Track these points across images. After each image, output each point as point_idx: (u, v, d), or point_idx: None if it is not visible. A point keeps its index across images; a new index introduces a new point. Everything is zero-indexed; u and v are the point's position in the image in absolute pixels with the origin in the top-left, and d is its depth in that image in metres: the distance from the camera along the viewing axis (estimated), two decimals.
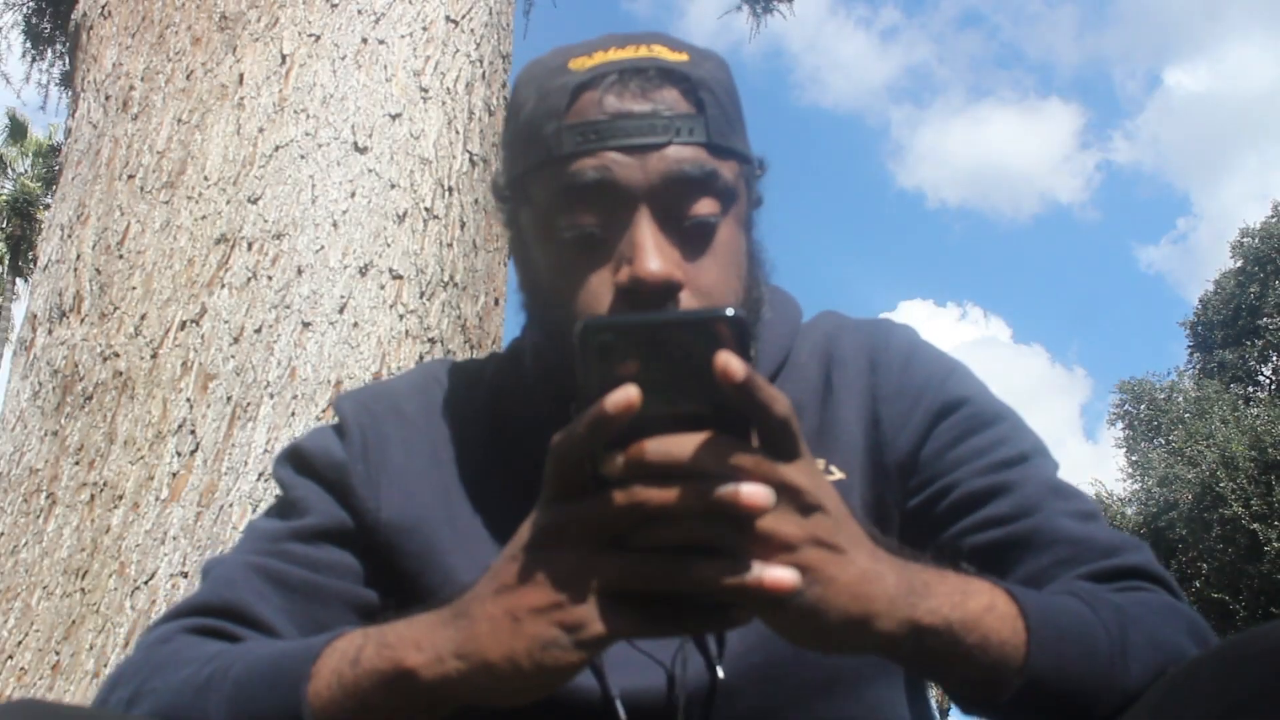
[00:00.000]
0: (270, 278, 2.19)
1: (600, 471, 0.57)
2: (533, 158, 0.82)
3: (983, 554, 0.82)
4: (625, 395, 0.55)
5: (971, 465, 0.85)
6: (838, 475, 0.87)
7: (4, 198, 21.94)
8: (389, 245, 2.28)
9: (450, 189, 2.43)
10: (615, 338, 0.57)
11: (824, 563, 0.59)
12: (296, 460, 0.91)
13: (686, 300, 0.78)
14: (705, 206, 0.80)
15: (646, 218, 0.78)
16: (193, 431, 2.06)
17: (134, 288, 2.22)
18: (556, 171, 0.80)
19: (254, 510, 1.99)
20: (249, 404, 2.08)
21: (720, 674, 0.80)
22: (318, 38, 2.45)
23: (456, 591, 0.65)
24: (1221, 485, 15.88)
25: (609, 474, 0.57)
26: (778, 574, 0.56)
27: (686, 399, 0.57)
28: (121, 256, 2.26)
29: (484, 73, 2.64)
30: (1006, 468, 0.85)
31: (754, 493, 0.56)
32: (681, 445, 0.56)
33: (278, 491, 0.92)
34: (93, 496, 2.03)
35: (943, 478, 0.86)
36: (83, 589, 1.95)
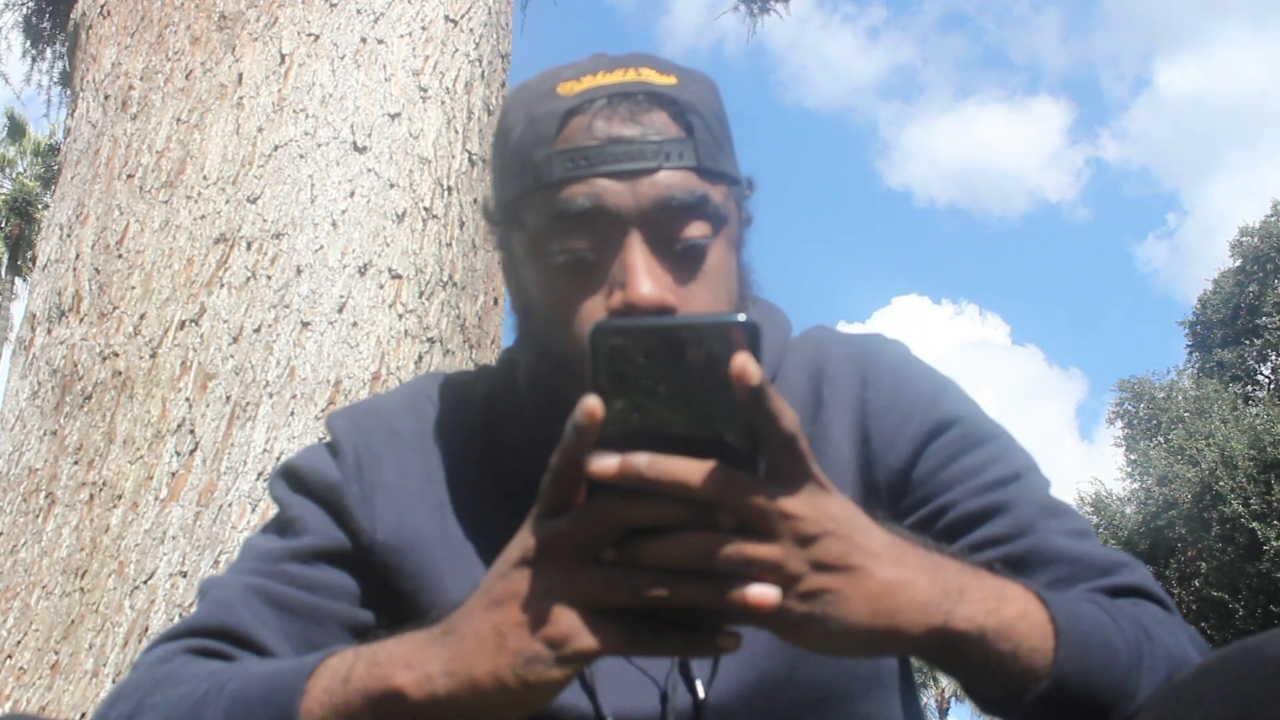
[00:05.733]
0: (269, 277, 2.19)
1: (589, 474, 0.57)
2: (523, 183, 0.82)
3: None
4: (587, 406, 0.55)
5: (965, 485, 0.85)
6: None
7: (3, 197, 21.93)
8: (388, 245, 2.28)
9: (449, 188, 2.44)
10: (626, 341, 0.56)
11: (834, 585, 0.59)
12: (292, 478, 0.91)
13: None
14: (696, 230, 0.80)
15: (638, 242, 0.78)
16: (192, 431, 2.06)
17: (133, 287, 2.22)
18: (547, 197, 0.80)
19: (253, 509, 2.00)
20: (248, 403, 2.08)
21: (702, 693, 0.80)
22: (317, 37, 2.45)
23: (448, 610, 0.65)
24: (1221, 484, 15.88)
25: (597, 476, 0.56)
26: (760, 591, 0.57)
27: (695, 405, 0.56)
28: (120, 256, 2.26)
29: (483, 72, 2.64)
30: (1000, 487, 0.85)
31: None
32: (678, 466, 0.56)
33: (274, 509, 0.92)
34: (92, 496, 2.04)
35: (936, 498, 0.86)
36: (82, 588, 1.95)
